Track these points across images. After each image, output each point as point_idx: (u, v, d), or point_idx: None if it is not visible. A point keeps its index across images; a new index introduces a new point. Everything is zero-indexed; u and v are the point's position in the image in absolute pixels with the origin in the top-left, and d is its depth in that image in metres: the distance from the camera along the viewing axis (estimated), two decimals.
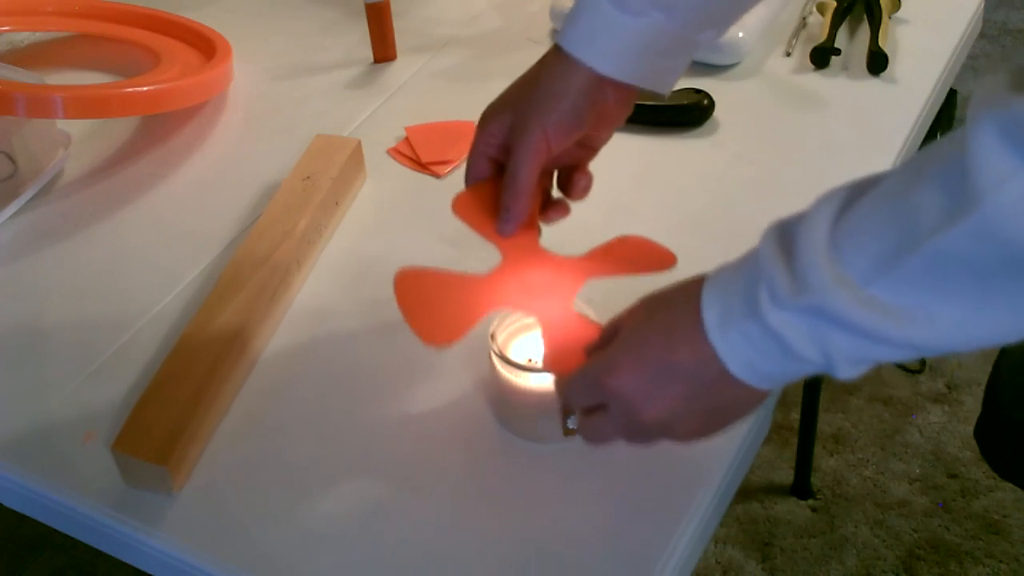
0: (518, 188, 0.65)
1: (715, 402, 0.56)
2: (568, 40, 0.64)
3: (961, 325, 0.46)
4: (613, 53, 0.63)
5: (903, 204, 0.46)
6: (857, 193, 0.49)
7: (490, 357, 0.67)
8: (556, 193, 0.71)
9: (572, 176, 0.69)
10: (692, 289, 0.55)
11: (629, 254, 0.68)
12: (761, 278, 0.51)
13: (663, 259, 0.67)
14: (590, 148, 0.69)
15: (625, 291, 0.62)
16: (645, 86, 0.65)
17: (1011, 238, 0.43)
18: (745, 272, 0.52)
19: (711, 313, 0.53)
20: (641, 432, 0.58)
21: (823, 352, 0.50)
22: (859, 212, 0.48)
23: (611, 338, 0.59)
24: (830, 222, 0.49)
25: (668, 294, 0.57)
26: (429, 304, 0.65)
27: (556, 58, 0.64)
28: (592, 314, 0.65)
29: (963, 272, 0.45)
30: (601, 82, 0.63)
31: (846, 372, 0.50)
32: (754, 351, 0.52)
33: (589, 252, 0.68)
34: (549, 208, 0.70)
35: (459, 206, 0.68)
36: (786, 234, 0.51)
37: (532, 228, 0.68)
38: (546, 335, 0.64)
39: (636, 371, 0.56)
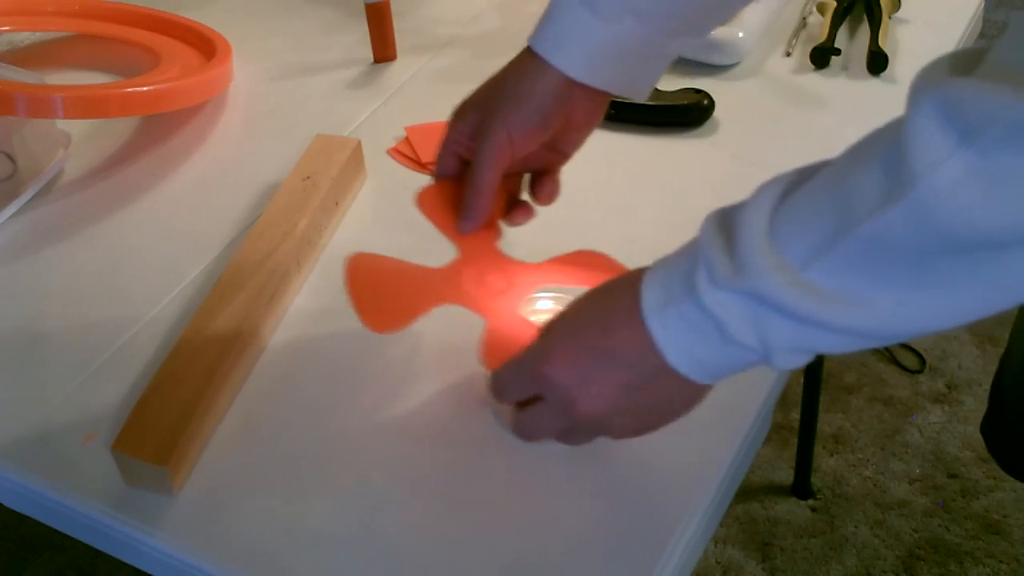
0: (479, 187, 0.64)
1: (653, 395, 0.54)
2: (538, 41, 0.63)
3: (899, 309, 0.46)
4: (584, 58, 0.62)
5: (841, 188, 0.46)
6: (802, 179, 0.49)
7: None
8: (524, 195, 0.71)
9: (540, 180, 0.69)
10: (632, 278, 0.54)
11: (586, 266, 0.68)
12: (700, 259, 0.50)
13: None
14: (561, 152, 0.68)
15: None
16: (616, 92, 0.65)
17: (946, 221, 0.42)
18: (685, 257, 0.52)
19: (650, 297, 0.52)
20: (577, 426, 0.57)
21: (760, 337, 0.49)
22: (799, 197, 0.48)
23: (548, 330, 0.58)
24: (771, 207, 0.49)
25: (608, 284, 0.56)
26: (377, 291, 0.66)
27: (526, 59, 0.64)
28: (546, 314, 0.65)
29: (899, 255, 0.44)
30: (570, 86, 0.63)
31: (785, 360, 0.50)
32: (691, 334, 0.51)
33: (546, 260, 0.68)
34: (514, 210, 0.69)
35: (422, 201, 0.69)
36: (727, 219, 0.51)
37: (492, 229, 0.68)
38: (488, 334, 0.64)
39: (572, 358, 0.55)
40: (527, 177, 0.71)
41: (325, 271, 0.83)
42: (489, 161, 0.64)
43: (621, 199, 0.87)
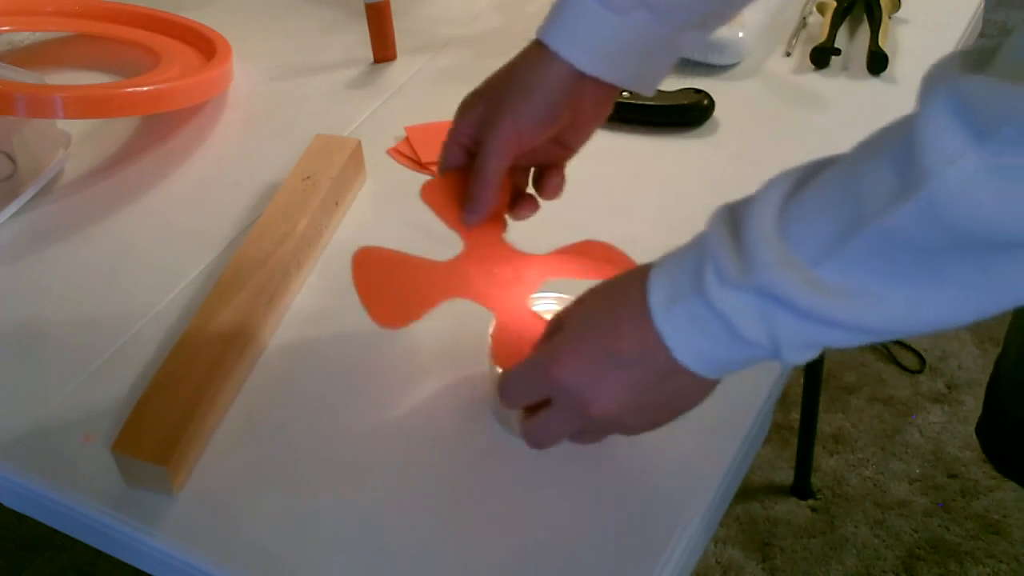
0: (485, 178, 0.64)
1: (664, 392, 0.54)
2: (547, 33, 0.63)
3: (910, 307, 0.46)
4: (594, 50, 0.62)
5: (852, 184, 0.46)
6: (810, 174, 0.49)
7: (489, 357, 0.67)
8: (530, 190, 0.71)
9: (545, 174, 0.69)
10: (639, 274, 0.54)
11: (591, 257, 0.68)
12: (707, 256, 0.50)
13: (625, 267, 0.66)
14: (567, 147, 0.68)
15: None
16: (626, 86, 0.64)
17: (958, 219, 0.42)
18: (692, 253, 0.52)
19: (657, 294, 0.52)
20: (590, 427, 0.57)
21: (770, 334, 0.49)
22: (809, 193, 0.48)
23: (556, 331, 0.58)
24: (779, 203, 0.48)
25: (615, 281, 0.56)
26: (385, 285, 0.65)
27: (535, 50, 0.63)
28: (549, 314, 0.65)
29: (910, 253, 0.44)
30: (579, 78, 0.62)
31: (794, 356, 0.50)
32: (700, 333, 0.51)
33: (552, 252, 0.68)
34: (519, 204, 0.69)
35: (427, 194, 0.68)
36: (735, 214, 0.50)
37: (498, 221, 0.68)
38: (498, 330, 0.64)
39: (582, 360, 0.54)
40: (532, 172, 0.71)
41: (325, 271, 0.83)
42: (496, 151, 0.63)
43: (621, 199, 0.87)
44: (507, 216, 0.70)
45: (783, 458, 1.61)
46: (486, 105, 0.64)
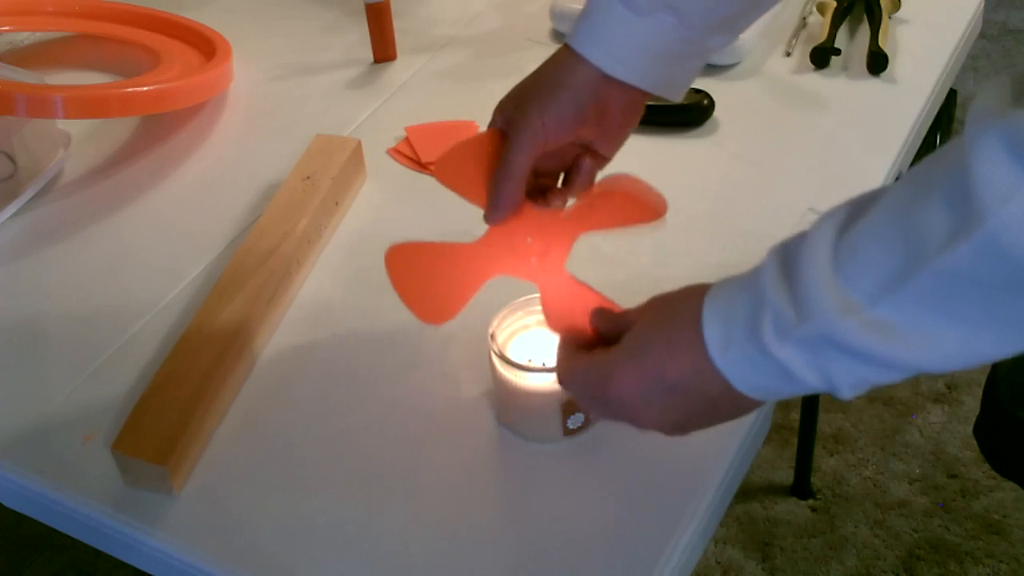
0: (509, 173, 0.64)
1: (714, 410, 0.56)
2: (576, 37, 0.63)
3: (965, 345, 0.46)
4: (619, 53, 0.62)
5: (906, 222, 0.46)
6: (858, 211, 0.49)
7: (490, 357, 0.67)
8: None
9: (575, 169, 0.68)
10: (695, 299, 0.54)
11: (619, 201, 0.66)
12: (765, 304, 0.50)
13: (655, 208, 0.65)
14: (599, 156, 0.68)
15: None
16: (653, 91, 0.65)
17: (1018, 255, 0.42)
18: (748, 294, 0.52)
19: (713, 331, 0.53)
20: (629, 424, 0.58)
21: (825, 378, 0.50)
22: (861, 231, 0.48)
23: (619, 334, 0.58)
24: (832, 242, 0.48)
25: (673, 301, 0.57)
26: (423, 281, 0.65)
27: (564, 54, 0.64)
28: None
29: (969, 291, 0.44)
30: (606, 81, 0.63)
31: (847, 393, 0.50)
32: (755, 372, 0.52)
33: (578, 202, 0.66)
34: (548, 196, 0.68)
35: (441, 171, 0.66)
36: (789, 257, 0.50)
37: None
38: (546, 301, 0.64)
39: (637, 381, 0.56)
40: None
41: (325, 271, 0.83)
42: (521, 145, 0.63)
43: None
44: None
45: (783, 458, 1.61)
46: (515, 105, 0.65)
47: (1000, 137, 0.42)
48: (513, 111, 0.64)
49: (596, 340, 0.62)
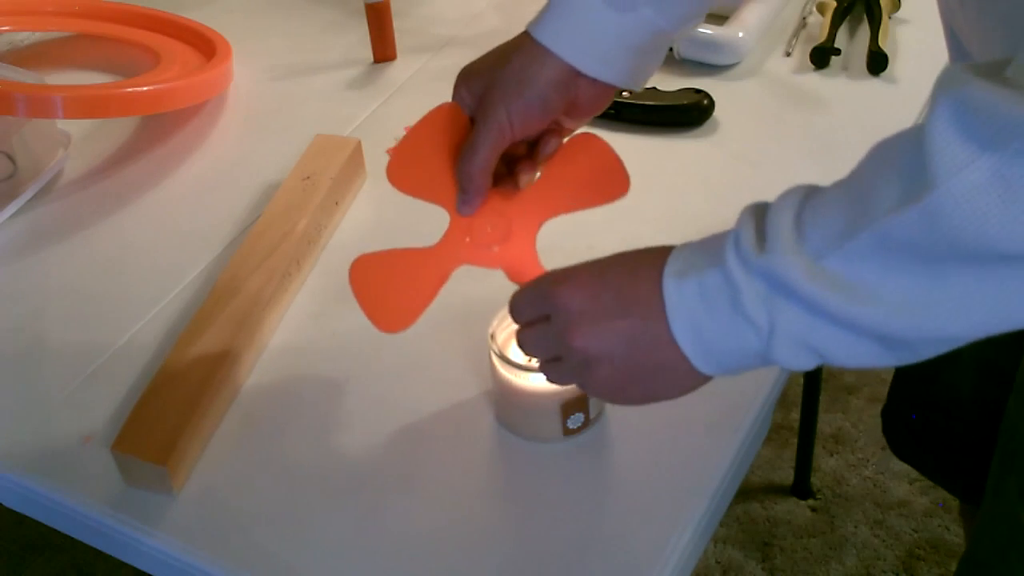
0: (476, 165, 0.64)
1: (646, 359, 0.54)
2: (545, 31, 0.62)
3: (904, 308, 0.46)
4: (594, 50, 0.62)
5: (864, 186, 0.47)
6: (835, 183, 0.50)
7: (490, 357, 0.67)
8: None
9: (541, 142, 0.67)
10: (665, 248, 0.55)
11: (581, 179, 0.66)
12: (729, 236, 0.51)
13: (617, 186, 0.65)
14: (563, 128, 0.68)
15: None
16: (623, 84, 0.65)
17: (960, 227, 0.42)
18: (717, 236, 0.53)
19: (674, 264, 0.53)
20: (565, 358, 0.56)
21: (769, 318, 0.49)
22: (824, 195, 0.49)
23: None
24: (799, 201, 0.50)
25: (642, 249, 0.57)
26: (382, 289, 0.65)
27: (531, 45, 0.63)
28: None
29: (911, 255, 0.45)
30: (577, 77, 0.63)
31: (785, 351, 0.50)
32: (703, 304, 0.51)
33: (540, 178, 0.66)
34: (519, 168, 0.67)
35: (394, 176, 0.67)
36: (760, 208, 0.52)
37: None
38: (515, 280, 0.64)
39: (588, 288, 0.55)
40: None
41: (325, 271, 0.83)
42: (487, 143, 0.63)
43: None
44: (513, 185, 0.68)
45: (783, 458, 1.61)
46: (482, 87, 0.65)
47: (956, 108, 0.42)
48: (478, 104, 0.64)
49: None
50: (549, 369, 0.59)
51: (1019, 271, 0.43)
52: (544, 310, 0.57)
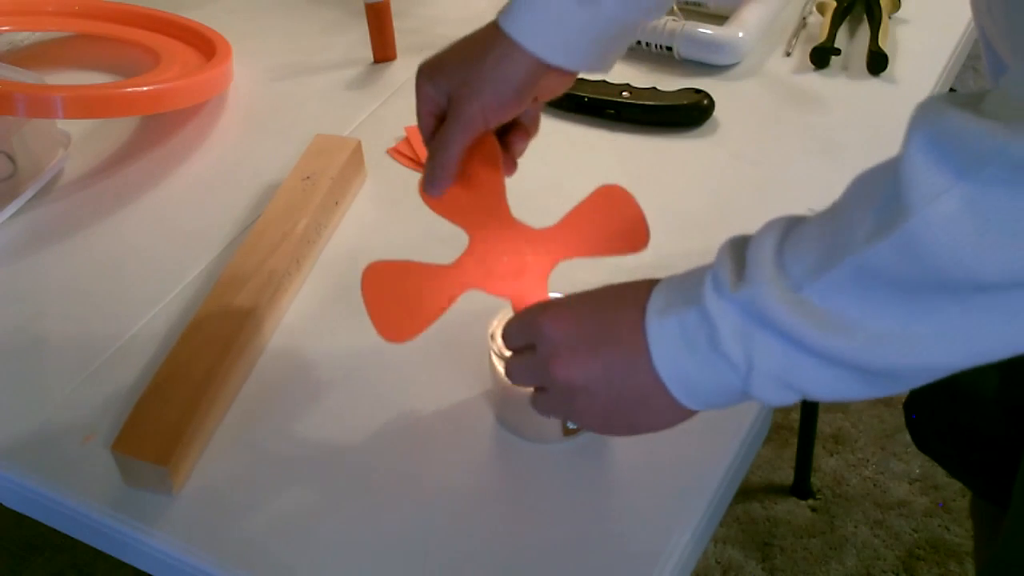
0: (448, 158, 0.65)
1: (629, 391, 0.54)
2: (515, 25, 0.63)
3: (883, 339, 0.46)
4: (564, 44, 0.63)
5: (843, 217, 0.47)
6: (816, 214, 0.50)
7: (490, 357, 0.67)
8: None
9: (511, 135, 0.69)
10: (650, 282, 0.55)
11: (601, 229, 0.67)
12: (708, 273, 0.51)
13: (637, 240, 0.66)
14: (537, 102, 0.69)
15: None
16: (589, 72, 0.66)
17: (935, 255, 0.42)
18: (697, 271, 0.53)
19: (656, 301, 0.53)
20: (549, 388, 0.57)
21: (746, 353, 0.49)
22: (807, 225, 0.49)
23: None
24: (780, 232, 0.50)
25: (627, 283, 0.57)
26: (392, 298, 0.65)
27: (501, 40, 0.64)
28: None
29: (888, 285, 0.45)
30: (546, 68, 0.64)
31: (764, 387, 0.50)
32: (683, 342, 0.51)
33: (563, 219, 0.67)
34: (512, 136, 0.69)
35: (433, 200, 0.68)
36: (741, 241, 0.52)
37: (498, 191, 0.67)
38: (517, 308, 0.64)
39: (572, 319, 0.56)
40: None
41: (325, 271, 0.83)
42: (461, 139, 0.65)
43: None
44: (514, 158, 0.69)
45: (783, 458, 1.61)
46: (451, 83, 0.66)
47: (931, 138, 0.42)
48: (453, 92, 0.65)
49: None
50: (536, 399, 0.59)
51: (996, 300, 0.43)
52: (530, 339, 0.58)
